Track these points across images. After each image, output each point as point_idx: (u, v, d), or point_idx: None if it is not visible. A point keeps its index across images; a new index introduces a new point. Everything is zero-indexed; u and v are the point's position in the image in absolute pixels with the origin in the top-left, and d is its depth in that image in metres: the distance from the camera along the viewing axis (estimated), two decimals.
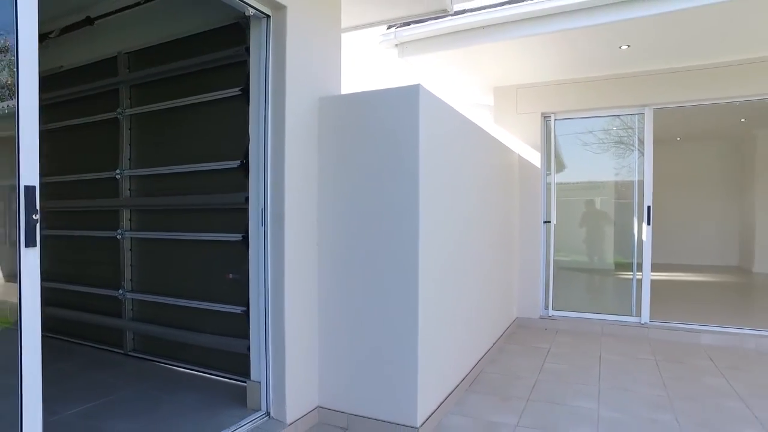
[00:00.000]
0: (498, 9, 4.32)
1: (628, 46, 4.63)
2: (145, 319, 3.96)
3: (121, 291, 3.98)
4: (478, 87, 6.21)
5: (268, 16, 2.84)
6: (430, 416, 2.97)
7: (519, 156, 5.84)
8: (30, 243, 1.69)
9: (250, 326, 2.95)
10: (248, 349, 3.03)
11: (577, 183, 6.13)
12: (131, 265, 4.00)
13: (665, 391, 3.63)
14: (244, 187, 3.17)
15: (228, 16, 3.25)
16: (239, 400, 3.05)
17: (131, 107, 4.00)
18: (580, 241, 6.17)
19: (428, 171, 2.91)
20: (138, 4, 3.82)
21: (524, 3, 4.22)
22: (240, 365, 3.34)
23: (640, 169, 5.51)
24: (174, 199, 3.76)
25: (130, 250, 4.00)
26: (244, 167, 3.17)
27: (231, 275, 3.24)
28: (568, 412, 3.28)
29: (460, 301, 3.60)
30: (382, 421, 2.90)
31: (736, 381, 3.84)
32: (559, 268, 5.92)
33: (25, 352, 1.70)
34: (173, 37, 3.71)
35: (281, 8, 2.82)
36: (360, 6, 3.53)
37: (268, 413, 2.88)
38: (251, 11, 2.75)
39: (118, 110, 3.99)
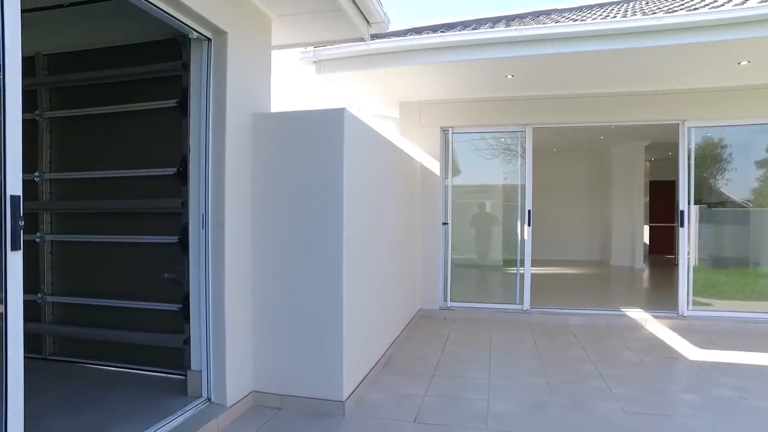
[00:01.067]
0: (403, 39, 5.04)
1: (513, 76, 5.51)
2: (68, 322, 3.95)
3: (40, 295, 3.93)
4: (386, 100, 6.83)
5: (209, 39, 3.13)
6: (352, 392, 3.45)
7: (421, 164, 6.54)
8: (15, 247, 1.89)
9: (191, 320, 3.20)
10: (185, 342, 3.28)
11: (472, 186, 7.02)
12: (52, 268, 3.97)
13: (540, 362, 4.47)
14: (179, 192, 3.41)
15: (164, 31, 3.38)
16: (178, 390, 3.28)
17: (51, 110, 3.97)
18: (473, 241, 7.08)
19: (350, 181, 3.38)
20: (60, 6, 3.81)
21: (425, 36, 4.94)
22: (173, 359, 3.57)
23: (524, 174, 6.48)
24: (109, 203, 3.82)
25: (51, 253, 3.97)
26: (180, 174, 3.41)
27: (167, 275, 3.44)
28: (466, 382, 3.96)
29: (373, 294, 4.12)
30: (312, 398, 3.32)
31: (590, 350, 4.83)
32: (456, 264, 6.74)
33: (10, 346, 1.89)
34: (103, 44, 3.77)
35: (222, 33, 3.13)
36: (288, 31, 3.89)
37: (209, 399, 3.16)
38: (195, 34, 3.03)
39: (37, 112, 3.94)
